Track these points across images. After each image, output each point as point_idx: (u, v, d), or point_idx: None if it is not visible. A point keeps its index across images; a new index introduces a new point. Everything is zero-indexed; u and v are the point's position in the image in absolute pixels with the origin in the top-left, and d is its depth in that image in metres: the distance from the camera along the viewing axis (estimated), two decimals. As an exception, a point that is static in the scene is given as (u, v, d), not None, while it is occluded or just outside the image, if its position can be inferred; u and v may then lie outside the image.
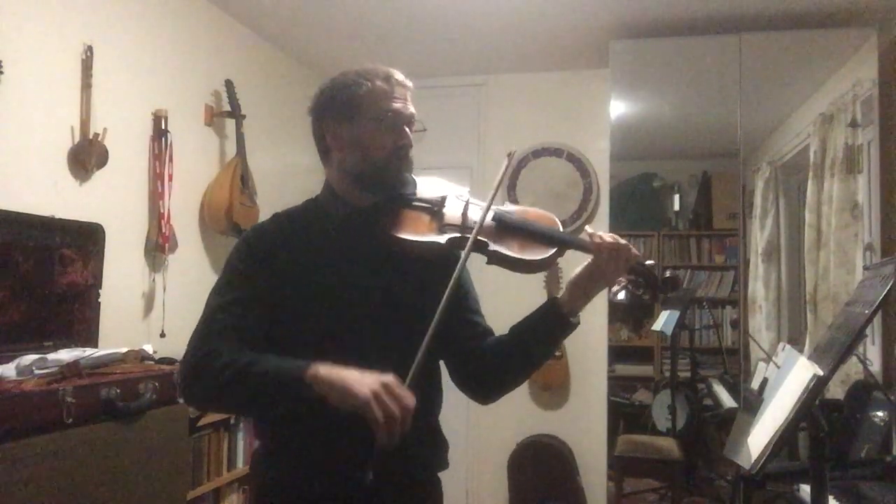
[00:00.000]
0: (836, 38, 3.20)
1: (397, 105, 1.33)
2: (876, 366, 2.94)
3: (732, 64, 3.24)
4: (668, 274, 1.39)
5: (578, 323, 1.34)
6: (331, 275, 1.31)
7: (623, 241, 1.31)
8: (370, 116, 1.32)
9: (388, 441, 1.10)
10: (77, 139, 2.39)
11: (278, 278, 1.29)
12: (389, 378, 1.13)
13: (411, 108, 1.36)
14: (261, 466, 1.37)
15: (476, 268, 1.48)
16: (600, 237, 1.31)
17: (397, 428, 1.10)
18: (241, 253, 1.33)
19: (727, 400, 3.28)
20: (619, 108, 3.55)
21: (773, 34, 3.25)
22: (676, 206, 3.84)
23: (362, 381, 1.12)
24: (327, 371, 1.15)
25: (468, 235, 1.30)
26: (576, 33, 3.47)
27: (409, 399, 1.12)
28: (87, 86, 2.40)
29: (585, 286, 1.32)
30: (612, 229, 3.25)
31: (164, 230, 2.71)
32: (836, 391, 2.77)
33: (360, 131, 1.32)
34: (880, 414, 2.38)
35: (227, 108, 3.12)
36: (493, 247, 1.32)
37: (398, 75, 1.36)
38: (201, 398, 1.32)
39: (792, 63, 3.35)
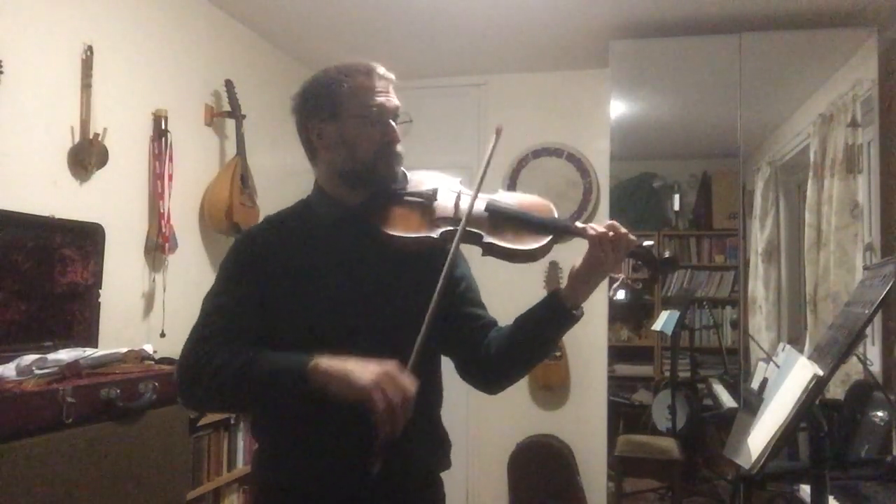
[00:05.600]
0: (836, 38, 3.20)
1: (380, 99, 1.32)
2: (876, 366, 2.94)
3: (732, 64, 3.24)
4: (667, 254, 1.39)
5: (581, 315, 1.31)
6: (326, 276, 1.30)
7: (622, 230, 1.28)
8: (354, 114, 1.31)
9: (390, 430, 1.10)
10: (77, 139, 2.39)
11: (272, 282, 1.29)
12: (391, 365, 1.13)
13: (395, 101, 1.34)
14: (262, 467, 1.36)
15: (475, 263, 1.48)
16: (594, 229, 1.28)
17: (399, 416, 1.10)
18: (234, 258, 1.34)
19: (727, 400, 3.28)
20: (619, 108, 3.55)
21: (773, 34, 3.25)
22: (676, 206, 3.84)
23: (364, 369, 1.13)
24: (328, 362, 1.16)
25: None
26: (576, 33, 3.47)
27: (410, 386, 1.12)
28: (87, 86, 2.40)
29: (586, 277, 1.29)
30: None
31: (164, 230, 2.71)
32: (836, 391, 2.77)
33: (345, 129, 1.31)
34: (880, 414, 2.38)
35: (227, 108, 3.12)
36: (487, 238, 1.31)
37: (380, 69, 1.35)
38: (201, 400, 1.32)
39: (792, 63, 3.35)
